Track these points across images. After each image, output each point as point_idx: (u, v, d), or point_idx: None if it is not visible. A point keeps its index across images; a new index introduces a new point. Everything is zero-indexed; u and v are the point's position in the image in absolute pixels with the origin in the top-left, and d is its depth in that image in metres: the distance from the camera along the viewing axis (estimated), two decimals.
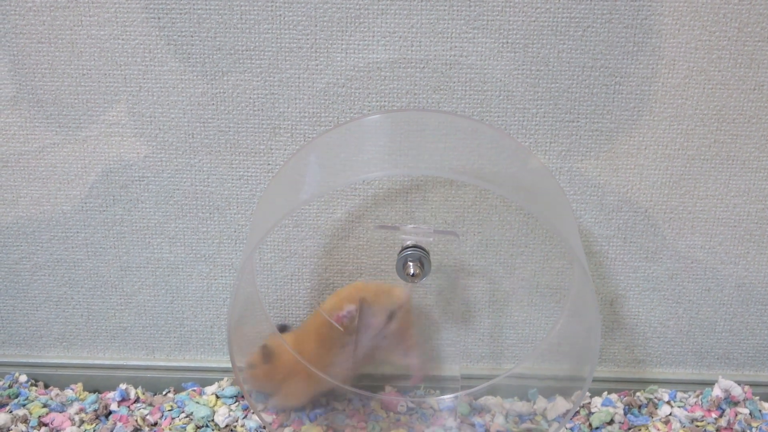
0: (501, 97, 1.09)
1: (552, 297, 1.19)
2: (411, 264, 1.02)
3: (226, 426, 1.14)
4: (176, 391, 1.22)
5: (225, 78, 1.09)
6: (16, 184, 1.15)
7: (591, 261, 1.17)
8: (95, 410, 1.16)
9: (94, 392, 1.21)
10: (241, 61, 1.08)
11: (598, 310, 0.92)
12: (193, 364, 1.24)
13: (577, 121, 1.10)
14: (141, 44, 1.07)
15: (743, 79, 1.07)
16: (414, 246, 1.03)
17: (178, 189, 1.15)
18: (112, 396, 1.19)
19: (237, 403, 1.18)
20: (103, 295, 1.21)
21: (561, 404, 1.18)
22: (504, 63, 1.07)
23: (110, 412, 1.16)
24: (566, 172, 1.13)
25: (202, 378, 1.22)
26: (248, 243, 0.98)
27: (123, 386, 1.20)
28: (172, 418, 1.15)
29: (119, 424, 1.13)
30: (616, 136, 1.10)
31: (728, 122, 1.09)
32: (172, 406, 1.17)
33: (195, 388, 1.21)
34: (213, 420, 1.15)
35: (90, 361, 1.23)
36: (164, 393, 1.21)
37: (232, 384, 1.21)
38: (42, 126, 1.12)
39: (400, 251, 1.03)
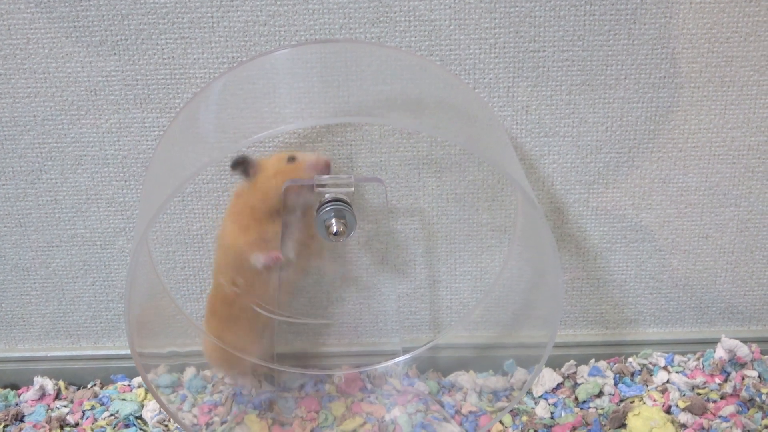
0: (452, 27, 0.96)
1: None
2: (333, 221, 0.89)
3: (160, 423, 1.01)
4: (103, 384, 1.09)
5: (125, 22, 0.95)
6: None
7: (569, 212, 1.07)
8: (6, 407, 1.04)
9: (8, 388, 1.10)
10: (141, 1, 0.94)
11: (554, 245, 0.81)
12: (123, 351, 1.11)
13: (544, 51, 0.98)
14: None
15: None
16: (334, 200, 0.90)
17: (85, 155, 1.02)
18: (28, 395, 1.06)
19: (175, 393, 1.04)
20: (16, 279, 1.08)
21: (548, 376, 1.09)
22: None
23: (23, 417, 1.03)
24: (534, 110, 1.01)
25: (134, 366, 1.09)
26: (137, 228, 0.84)
27: (39, 379, 1.09)
28: (95, 419, 1.01)
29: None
30: (590, 65, 0.99)
31: (721, 42, 0.98)
32: (93, 405, 1.03)
33: (125, 382, 1.08)
34: (140, 417, 1.01)
35: (6, 354, 1.12)
36: (89, 386, 1.09)
37: (168, 371, 1.07)
38: None
39: (318, 208, 0.90)
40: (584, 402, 1.04)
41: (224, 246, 0.94)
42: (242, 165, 0.90)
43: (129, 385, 1.09)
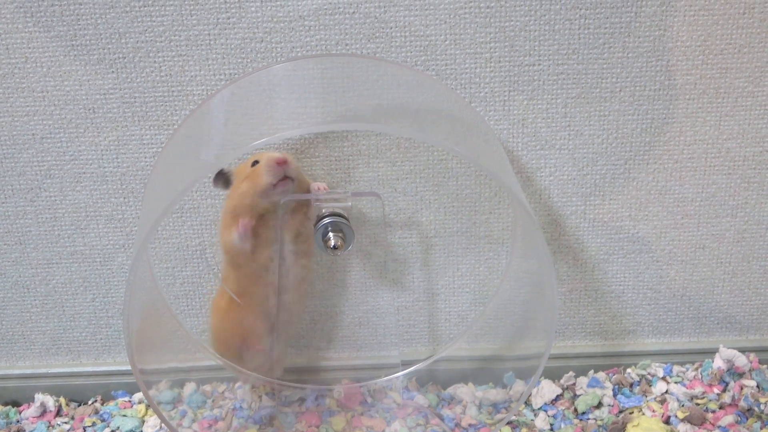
0: (447, 42, 0.96)
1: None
2: (331, 235, 0.91)
3: None
4: (104, 400, 1.09)
5: (122, 40, 0.95)
6: None
7: (566, 224, 1.06)
8: (7, 425, 1.03)
9: (9, 405, 1.10)
10: (139, 20, 0.94)
11: (548, 253, 0.83)
12: (124, 367, 1.11)
13: (539, 64, 0.98)
14: (23, 6, 0.93)
15: (730, 2, 0.95)
16: (331, 214, 0.92)
17: (84, 172, 1.02)
18: (29, 412, 1.06)
19: (175, 409, 1.04)
20: (16, 296, 1.08)
21: (547, 388, 1.09)
22: (448, 1, 0.94)
23: None
24: (530, 123, 1.01)
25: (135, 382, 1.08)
26: (137, 238, 0.84)
27: (40, 396, 1.08)
28: None
29: None
30: (585, 78, 0.99)
31: (715, 54, 0.98)
32: (94, 422, 1.03)
33: (125, 398, 1.08)
34: None
35: (7, 371, 1.11)
36: (90, 402, 1.09)
37: (169, 387, 1.07)
38: None
39: (316, 222, 0.92)
40: (583, 413, 1.04)
41: (221, 246, 0.96)
42: (222, 177, 0.92)
43: (130, 401, 1.08)
